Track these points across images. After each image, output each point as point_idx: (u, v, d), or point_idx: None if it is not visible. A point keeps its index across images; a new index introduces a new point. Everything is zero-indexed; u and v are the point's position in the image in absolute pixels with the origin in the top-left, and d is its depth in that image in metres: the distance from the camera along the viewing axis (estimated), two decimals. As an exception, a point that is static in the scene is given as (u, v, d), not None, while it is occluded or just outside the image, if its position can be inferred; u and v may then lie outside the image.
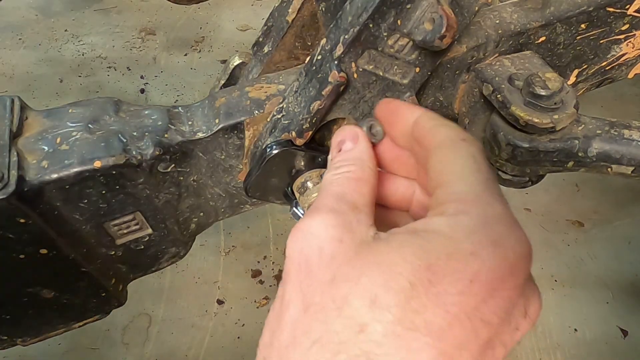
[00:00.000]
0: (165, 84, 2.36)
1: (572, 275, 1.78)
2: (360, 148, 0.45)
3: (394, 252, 0.34)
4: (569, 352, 1.61)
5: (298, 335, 0.33)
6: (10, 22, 2.64)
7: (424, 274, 0.32)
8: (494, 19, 0.58)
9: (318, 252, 0.35)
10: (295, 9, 0.63)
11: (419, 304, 0.32)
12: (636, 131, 0.52)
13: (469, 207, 0.35)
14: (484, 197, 0.36)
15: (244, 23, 2.68)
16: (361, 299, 0.32)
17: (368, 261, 0.34)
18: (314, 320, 0.33)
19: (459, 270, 0.33)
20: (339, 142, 0.46)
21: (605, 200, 1.97)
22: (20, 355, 1.49)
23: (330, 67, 0.47)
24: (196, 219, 0.61)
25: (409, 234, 0.35)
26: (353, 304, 0.32)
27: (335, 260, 0.35)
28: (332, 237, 0.35)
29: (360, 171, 0.42)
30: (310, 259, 0.35)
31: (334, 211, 0.37)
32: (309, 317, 0.33)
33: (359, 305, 0.32)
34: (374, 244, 0.36)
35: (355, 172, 0.42)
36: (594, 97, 2.17)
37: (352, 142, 0.45)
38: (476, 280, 0.32)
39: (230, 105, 0.54)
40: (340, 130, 0.47)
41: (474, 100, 0.58)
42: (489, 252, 0.33)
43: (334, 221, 0.36)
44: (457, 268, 0.33)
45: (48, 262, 0.52)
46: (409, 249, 0.34)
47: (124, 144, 0.50)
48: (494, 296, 0.33)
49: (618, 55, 0.68)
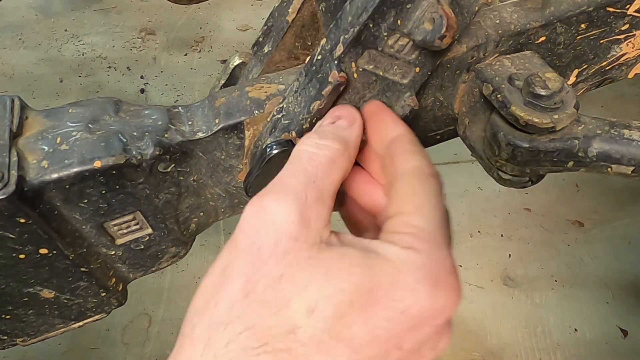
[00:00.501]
0: (165, 84, 2.36)
1: (572, 275, 1.78)
2: (352, 132, 0.46)
3: (343, 267, 0.36)
4: (569, 352, 1.61)
5: (232, 317, 0.35)
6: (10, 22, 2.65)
7: (364, 295, 0.35)
8: (494, 19, 0.58)
9: (273, 244, 0.37)
10: (295, 9, 0.63)
11: (351, 320, 0.35)
12: (636, 131, 0.52)
13: (420, 245, 0.38)
14: (436, 237, 0.39)
15: (244, 23, 2.68)
16: (301, 305, 0.35)
17: (317, 269, 0.36)
18: (251, 309, 0.35)
19: (395, 300, 0.36)
20: (335, 116, 0.47)
21: (605, 200, 1.97)
22: (20, 355, 1.49)
23: (330, 67, 0.47)
24: (196, 219, 0.61)
25: (361, 252, 0.38)
26: (292, 307, 0.35)
27: (287, 258, 0.36)
28: (289, 234, 0.37)
29: (340, 153, 0.43)
30: (263, 248, 0.37)
31: (299, 202, 0.38)
32: (248, 303, 0.35)
33: (297, 309, 0.35)
34: (326, 250, 0.38)
35: (335, 153, 0.42)
36: (594, 97, 2.17)
37: (348, 124, 0.46)
38: (406, 313, 0.36)
39: (230, 105, 0.54)
40: (341, 107, 0.48)
41: (474, 100, 0.58)
42: (426, 292, 0.36)
43: (295, 216, 0.37)
44: (394, 298, 0.36)
45: (48, 262, 0.52)
46: (358, 268, 0.36)
47: (124, 144, 0.50)
48: (416, 329, 0.37)
49: (618, 55, 0.68)
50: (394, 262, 0.37)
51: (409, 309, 0.36)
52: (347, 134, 0.45)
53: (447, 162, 2.01)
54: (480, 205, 1.93)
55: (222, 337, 0.35)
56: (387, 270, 0.37)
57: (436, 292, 0.37)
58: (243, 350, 0.34)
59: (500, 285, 1.75)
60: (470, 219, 1.89)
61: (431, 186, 0.42)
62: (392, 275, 0.36)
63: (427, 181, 0.42)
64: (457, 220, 1.87)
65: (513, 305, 1.71)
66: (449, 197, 0.47)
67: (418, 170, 0.43)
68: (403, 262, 0.37)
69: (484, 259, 1.81)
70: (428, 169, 0.43)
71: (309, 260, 0.37)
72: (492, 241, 1.85)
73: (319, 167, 0.41)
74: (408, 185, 0.42)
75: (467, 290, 1.73)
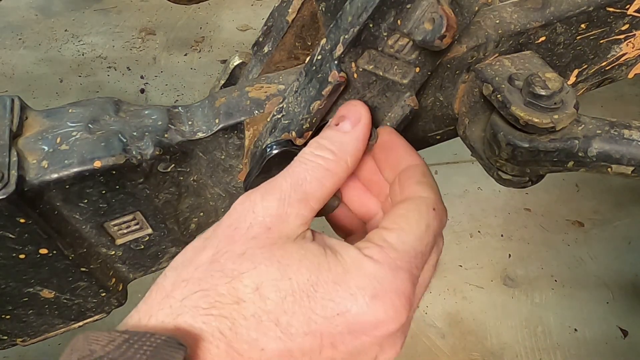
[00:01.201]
0: (165, 84, 2.37)
1: (572, 275, 1.78)
2: (353, 135, 0.47)
3: (296, 258, 0.39)
4: (569, 352, 1.62)
5: (194, 277, 0.39)
6: (10, 22, 2.65)
7: (307, 289, 0.38)
8: (494, 19, 0.58)
9: (247, 227, 0.41)
10: (295, 9, 0.63)
11: (290, 308, 0.38)
12: (636, 131, 0.52)
13: (381, 258, 0.40)
14: (400, 260, 0.41)
15: (244, 23, 2.68)
16: (250, 281, 0.38)
17: (274, 255, 0.39)
18: (210, 274, 0.39)
19: (333, 300, 0.38)
20: (340, 117, 0.48)
21: (605, 200, 1.97)
22: (20, 355, 1.49)
23: (330, 67, 0.47)
24: (196, 219, 0.61)
25: (320, 249, 0.41)
26: (243, 281, 0.38)
27: (253, 241, 0.40)
28: (264, 223, 0.41)
29: (334, 163, 0.45)
30: (238, 229, 0.41)
31: (281, 200, 0.42)
32: (209, 269, 0.39)
33: (246, 284, 0.38)
34: (291, 243, 0.41)
35: (329, 162, 0.45)
36: (594, 97, 2.17)
37: (351, 125, 0.47)
38: (342, 316, 0.38)
39: (230, 105, 0.54)
40: (349, 104, 0.49)
41: (474, 100, 0.58)
42: (364, 301, 0.38)
43: (274, 211, 0.41)
44: (333, 298, 0.38)
45: (48, 262, 0.52)
46: (308, 261, 0.39)
47: (124, 144, 0.50)
48: (352, 334, 0.39)
49: (618, 55, 0.68)
50: (347, 263, 0.40)
51: (345, 313, 0.38)
52: (346, 139, 0.46)
53: (447, 162, 2.01)
54: (480, 205, 1.93)
55: (181, 292, 0.39)
56: (334, 270, 0.39)
57: (374, 304, 0.38)
58: (194, 308, 0.38)
59: (500, 285, 1.76)
60: (470, 219, 1.89)
61: (427, 219, 0.44)
62: (338, 275, 0.39)
63: (426, 213, 0.44)
64: (457, 220, 1.87)
65: (513, 305, 1.71)
66: (449, 197, 0.47)
67: (422, 201, 0.45)
68: (354, 266, 0.39)
69: (484, 259, 1.81)
70: (433, 202, 0.45)
71: (271, 246, 0.40)
72: (492, 241, 1.85)
73: (309, 172, 0.44)
74: (405, 209, 0.44)
75: (467, 290, 1.73)
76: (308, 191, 0.43)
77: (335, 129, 0.47)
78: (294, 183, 0.43)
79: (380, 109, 0.52)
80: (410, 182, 0.47)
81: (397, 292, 0.39)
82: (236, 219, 0.42)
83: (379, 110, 0.52)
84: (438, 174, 1.96)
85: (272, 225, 0.41)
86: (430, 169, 0.49)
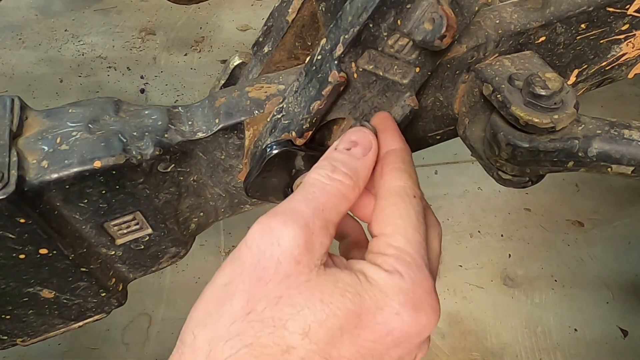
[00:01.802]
0: (165, 84, 2.36)
1: (572, 275, 1.78)
2: (366, 163, 0.47)
3: (337, 292, 0.39)
4: (569, 352, 1.61)
5: (233, 333, 0.37)
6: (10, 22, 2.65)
7: (354, 320, 0.38)
8: (494, 19, 0.58)
9: (276, 265, 0.39)
10: (295, 9, 0.63)
11: (340, 342, 0.38)
12: (636, 131, 0.52)
13: (402, 268, 0.41)
14: (416, 259, 0.42)
15: (244, 23, 2.68)
16: (297, 327, 0.37)
17: (313, 294, 0.39)
18: (251, 327, 0.37)
19: (380, 323, 0.39)
20: (352, 142, 0.48)
21: (605, 200, 1.97)
22: (20, 355, 1.49)
23: (330, 67, 0.47)
24: (196, 219, 0.61)
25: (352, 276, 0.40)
26: (289, 328, 0.37)
27: (287, 280, 0.39)
28: (293, 257, 0.39)
29: (351, 189, 0.45)
30: (267, 268, 0.39)
31: (306, 228, 0.40)
32: (248, 322, 0.38)
33: (293, 331, 0.37)
34: (323, 274, 0.40)
35: (347, 188, 0.44)
36: (594, 97, 2.17)
37: (363, 152, 0.47)
38: (390, 335, 0.39)
39: (230, 105, 0.54)
40: (357, 131, 0.49)
41: (474, 100, 0.58)
42: (409, 315, 0.40)
43: (301, 241, 0.39)
44: (379, 322, 0.39)
45: (48, 262, 0.52)
46: (349, 294, 0.39)
47: (124, 144, 0.50)
48: (398, 347, 0.40)
49: (618, 55, 0.68)
50: (381, 286, 0.40)
51: (393, 331, 0.39)
52: (359, 165, 0.46)
53: (447, 162, 2.01)
54: (480, 205, 1.93)
55: (223, 351, 0.37)
56: (374, 295, 0.40)
57: (418, 315, 0.40)
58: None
59: (500, 285, 1.75)
60: (470, 219, 1.89)
61: (413, 207, 0.44)
62: (379, 300, 0.40)
63: (410, 202, 0.45)
64: (457, 220, 1.87)
65: (513, 305, 1.71)
66: (449, 197, 0.47)
67: (402, 190, 0.45)
68: (388, 286, 0.40)
69: (484, 259, 1.81)
70: (412, 190, 0.46)
71: (307, 283, 0.39)
72: (492, 241, 1.85)
73: (330, 198, 0.43)
74: (392, 206, 0.45)
75: (467, 290, 1.73)
76: (328, 218, 0.42)
77: (347, 153, 0.46)
78: (315, 209, 0.41)
79: (380, 109, 0.52)
80: (388, 168, 0.47)
81: (429, 293, 0.41)
82: (261, 254, 0.39)
83: (379, 110, 0.52)
84: (438, 174, 1.96)
85: (300, 258, 0.39)
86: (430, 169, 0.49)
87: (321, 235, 0.41)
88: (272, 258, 0.39)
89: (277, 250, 0.39)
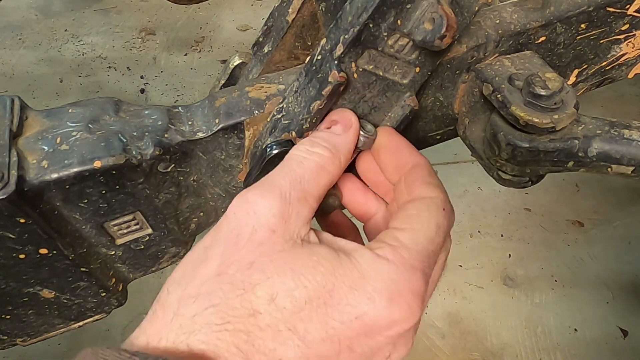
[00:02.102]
0: (165, 84, 2.37)
1: (572, 275, 1.78)
2: (345, 138, 0.47)
3: (309, 265, 0.39)
4: (569, 352, 1.62)
5: (202, 292, 0.38)
6: (10, 22, 2.65)
7: (323, 295, 0.38)
8: (494, 19, 0.58)
9: (250, 232, 0.39)
10: (295, 9, 0.63)
11: (307, 315, 0.37)
12: (636, 131, 0.52)
13: (394, 258, 0.40)
14: (414, 259, 0.41)
15: (244, 23, 2.68)
16: (264, 292, 0.37)
17: (285, 262, 0.38)
18: (219, 288, 0.38)
19: (351, 305, 0.38)
20: (332, 121, 0.49)
21: (605, 200, 1.97)
22: (20, 355, 1.49)
23: (330, 67, 0.47)
24: (196, 219, 0.61)
25: (331, 252, 0.40)
26: (257, 293, 0.37)
27: (261, 247, 0.39)
28: (267, 226, 0.40)
29: (330, 161, 0.45)
30: (241, 234, 0.40)
31: (282, 198, 0.41)
32: (218, 282, 0.38)
33: (260, 295, 0.37)
34: (299, 246, 0.40)
35: (325, 160, 0.45)
36: (594, 97, 2.17)
37: (343, 130, 0.48)
38: (360, 319, 0.38)
39: (230, 105, 0.54)
40: (338, 111, 0.49)
41: (474, 100, 0.58)
42: (382, 304, 0.38)
43: (277, 210, 0.40)
44: (351, 303, 0.38)
45: (48, 262, 0.52)
46: (322, 268, 0.39)
47: (124, 144, 0.50)
48: (368, 336, 0.39)
49: (618, 55, 0.68)
50: (361, 266, 0.39)
51: (363, 316, 0.38)
52: (339, 140, 0.47)
53: (447, 162, 2.01)
54: (480, 205, 1.93)
55: (190, 309, 0.37)
56: (350, 274, 0.39)
57: (392, 306, 0.38)
58: (207, 325, 0.36)
59: (500, 285, 1.76)
60: (470, 219, 1.90)
61: (438, 219, 0.44)
62: (354, 280, 0.39)
63: (437, 212, 0.44)
64: (457, 220, 1.86)
65: (513, 305, 1.71)
66: (449, 197, 0.47)
67: (432, 202, 0.45)
68: (370, 268, 0.39)
69: (484, 259, 1.81)
70: (443, 202, 0.45)
71: (280, 253, 0.39)
72: (492, 241, 1.85)
73: (307, 170, 0.43)
74: (416, 209, 0.44)
75: (467, 290, 1.73)
76: (307, 189, 0.42)
77: (327, 131, 0.48)
78: (292, 181, 0.42)
79: (380, 109, 0.52)
80: (418, 183, 0.47)
81: (413, 293, 0.40)
82: (237, 222, 0.40)
83: (379, 110, 0.52)
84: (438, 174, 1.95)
85: (276, 227, 0.40)
86: (431, 169, 0.50)
87: (298, 206, 0.41)
88: (247, 226, 0.40)
89: (253, 219, 0.40)
